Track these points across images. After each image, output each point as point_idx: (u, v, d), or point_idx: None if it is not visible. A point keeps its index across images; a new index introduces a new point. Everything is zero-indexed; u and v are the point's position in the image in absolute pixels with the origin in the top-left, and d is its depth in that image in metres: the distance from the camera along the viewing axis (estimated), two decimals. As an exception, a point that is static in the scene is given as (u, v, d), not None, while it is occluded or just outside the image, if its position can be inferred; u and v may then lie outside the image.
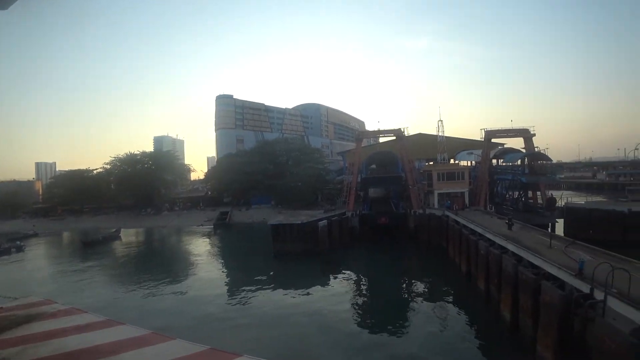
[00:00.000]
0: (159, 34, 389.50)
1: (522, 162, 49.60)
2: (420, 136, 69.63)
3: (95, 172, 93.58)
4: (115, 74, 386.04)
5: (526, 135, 48.09)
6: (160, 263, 42.37)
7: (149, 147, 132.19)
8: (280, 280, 32.21)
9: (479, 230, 29.36)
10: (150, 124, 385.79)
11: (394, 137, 52.15)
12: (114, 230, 63.09)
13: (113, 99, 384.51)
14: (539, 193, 47.37)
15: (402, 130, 50.91)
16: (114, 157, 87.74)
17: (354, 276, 34.07)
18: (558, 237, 25.73)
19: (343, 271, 35.03)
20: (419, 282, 31.84)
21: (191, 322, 23.23)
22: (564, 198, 45.82)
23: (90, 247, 52.43)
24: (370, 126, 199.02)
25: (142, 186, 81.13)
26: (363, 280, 33.22)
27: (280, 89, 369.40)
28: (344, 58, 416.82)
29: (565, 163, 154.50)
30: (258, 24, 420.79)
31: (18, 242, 54.30)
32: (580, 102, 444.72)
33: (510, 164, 52.32)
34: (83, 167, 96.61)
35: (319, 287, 30.25)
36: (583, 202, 44.67)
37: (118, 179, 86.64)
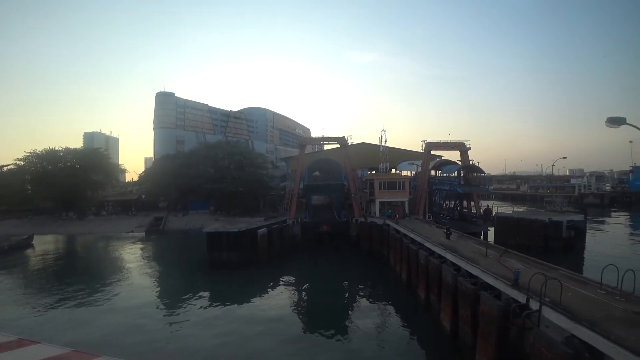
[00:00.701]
0: (98, 22, 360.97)
1: (458, 173, 52.11)
2: (363, 145, 70.66)
3: (5, 169, 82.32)
4: (41, 64, 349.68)
5: (462, 148, 50.64)
6: (80, 274, 37.59)
7: (78, 144, 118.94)
8: (217, 291, 30.19)
9: (419, 239, 29.72)
10: (80, 119, 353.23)
11: (338, 145, 52.13)
12: (25, 237, 55.50)
13: (35, 89, 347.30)
14: (473, 203, 49.98)
15: (346, 138, 50.99)
16: (30, 153, 76.69)
17: (295, 285, 32.92)
18: (492, 245, 26.73)
19: (283, 280, 33.75)
20: (360, 291, 31.48)
21: (117, 337, 20.85)
22: (494, 208, 48.75)
23: None
24: (315, 134, 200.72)
25: (65, 187, 71.51)
26: (304, 289, 32.13)
27: (225, 91, 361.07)
28: (292, 66, 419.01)
29: (494, 176, 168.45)
30: (207, 24, 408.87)
31: None
32: (507, 122, 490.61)
33: (448, 175, 54.77)
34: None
35: (259, 297, 28.75)
36: (511, 212, 47.83)
37: (35, 178, 75.93)
